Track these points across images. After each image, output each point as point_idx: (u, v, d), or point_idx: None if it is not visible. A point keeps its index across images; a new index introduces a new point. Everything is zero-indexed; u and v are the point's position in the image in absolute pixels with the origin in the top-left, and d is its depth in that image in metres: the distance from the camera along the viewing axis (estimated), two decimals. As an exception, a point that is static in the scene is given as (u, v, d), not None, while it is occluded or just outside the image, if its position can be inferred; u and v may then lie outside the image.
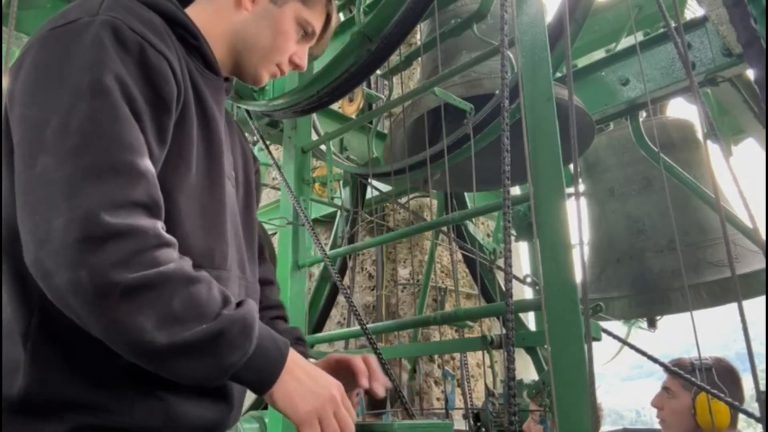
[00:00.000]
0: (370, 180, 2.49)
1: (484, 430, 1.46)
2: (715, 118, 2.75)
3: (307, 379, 0.86)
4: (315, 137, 2.41)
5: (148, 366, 0.77)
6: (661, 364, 1.64)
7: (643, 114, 2.50)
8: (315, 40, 1.14)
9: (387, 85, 2.49)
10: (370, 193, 3.14)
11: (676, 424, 2.07)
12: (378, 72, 2.00)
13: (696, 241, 2.39)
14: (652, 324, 2.69)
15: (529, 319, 2.97)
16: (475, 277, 3.16)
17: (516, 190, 2.58)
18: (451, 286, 3.67)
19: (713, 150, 2.52)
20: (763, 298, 2.14)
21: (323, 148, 2.19)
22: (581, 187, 2.79)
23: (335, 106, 2.68)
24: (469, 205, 2.97)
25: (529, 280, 1.56)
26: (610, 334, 1.59)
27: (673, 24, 1.19)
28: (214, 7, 1.05)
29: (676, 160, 2.36)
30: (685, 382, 1.93)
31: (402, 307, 3.69)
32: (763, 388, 1.08)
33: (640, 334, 3.06)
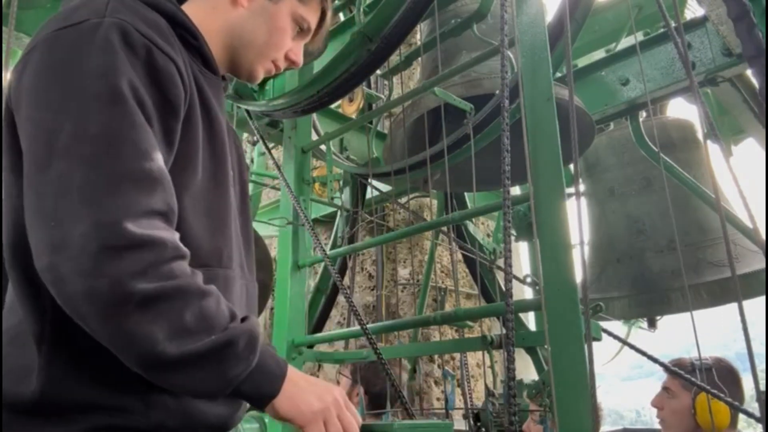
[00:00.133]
0: (370, 180, 2.48)
1: (484, 430, 1.46)
2: (715, 118, 2.75)
3: (307, 386, 0.87)
4: (315, 137, 2.41)
5: (154, 377, 0.77)
6: (661, 364, 1.64)
7: (643, 114, 2.50)
8: (310, 37, 1.15)
9: (387, 85, 2.49)
10: (370, 193, 3.14)
11: (676, 424, 2.07)
12: (378, 72, 2.00)
13: (696, 241, 2.39)
14: (652, 324, 2.69)
15: (529, 319, 2.97)
16: (475, 277, 3.16)
17: (516, 190, 2.58)
18: (451, 286, 3.66)
19: (713, 150, 2.52)
20: (763, 298, 2.13)
21: (323, 148, 2.19)
22: (581, 187, 2.79)
23: (335, 106, 2.68)
24: (469, 205, 2.96)
25: (529, 280, 1.56)
26: (610, 334, 1.59)
27: (673, 24, 1.19)
28: (210, 4, 1.05)
29: (676, 160, 2.36)
30: (685, 382, 1.93)
31: (402, 307, 3.69)
32: (763, 388, 1.08)
33: (640, 334, 3.06)
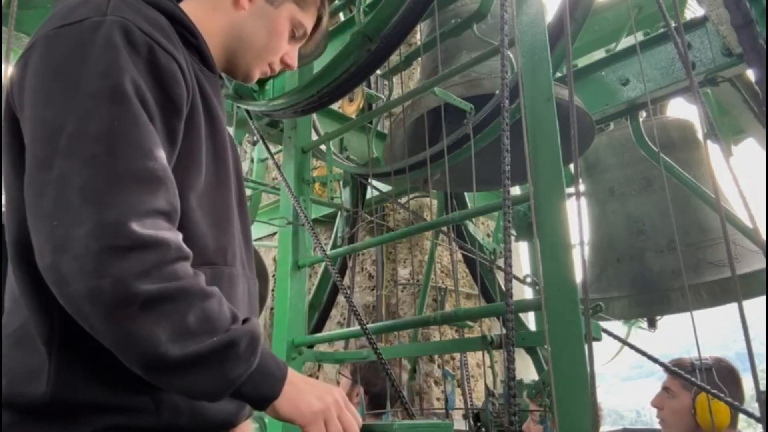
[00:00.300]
0: (370, 180, 2.48)
1: (484, 430, 1.46)
2: (715, 118, 2.75)
3: (307, 387, 0.87)
4: (315, 137, 2.41)
5: (155, 379, 0.76)
6: (661, 364, 1.64)
7: (643, 114, 2.50)
8: (305, 41, 1.16)
9: (387, 85, 2.49)
10: (370, 193, 3.14)
11: (676, 424, 2.07)
12: (378, 72, 2.00)
13: (696, 241, 2.38)
14: (652, 324, 2.68)
15: (529, 319, 2.97)
16: (475, 277, 3.16)
17: (516, 190, 2.58)
18: (451, 286, 3.66)
19: (713, 150, 2.52)
20: (763, 298, 2.13)
21: (323, 148, 2.19)
22: (581, 187, 2.79)
23: (335, 106, 2.68)
24: (469, 205, 2.96)
25: (529, 280, 1.56)
26: (610, 334, 1.59)
27: (673, 24, 1.19)
28: (210, 4, 1.05)
29: (676, 160, 2.36)
30: (685, 382, 1.93)
31: (402, 307, 3.69)
32: (763, 388, 1.08)
33: (640, 334, 3.05)
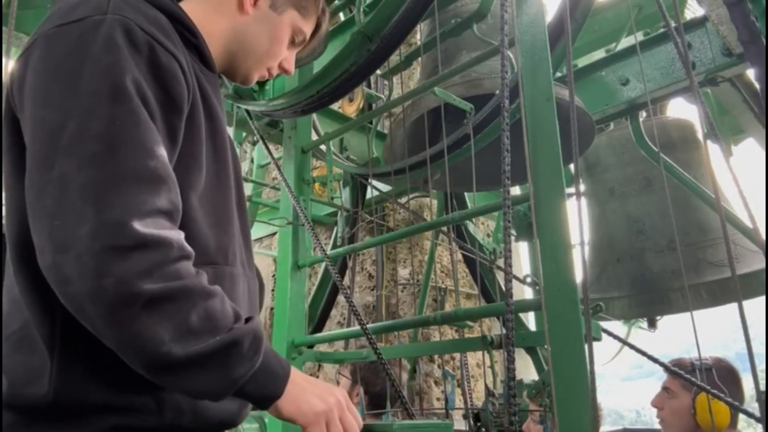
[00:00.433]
0: (370, 180, 2.48)
1: (484, 430, 1.46)
2: (715, 118, 2.75)
3: (310, 387, 0.88)
4: (315, 137, 2.41)
5: (158, 378, 0.76)
6: (661, 364, 1.64)
7: (643, 114, 2.50)
8: (302, 47, 1.19)
9: (387, 85, 2.49)
10: (370, 193, 3.14)
11: (676, 424, 2.07)
12: (378, 72, 2.00)
13: (696, 241, 2.38)
14: (652, 324, 2.68)
15: (529, 319, 2.97)
16: (475, 277, 3.16)
17: (516, 190, 2.58)
18: (451, 286, 3.66)
19: (713, 150, 2.52)
20: (763, 298, 2.13)
21: (323, 148, 2.19)
22: (581, 187, 2.79)
23: (335, 106, 2.68)
24: (469, 205, 2.96)
25: (529, 280, 1.56)
26: (610, 334, 1.59)
27: (673, 24, 1.19)
28: (213, 6, 1.05)
29: (676, 160, 2.36)
30: (685, 382, 1.93)
31: (402, 307, 3.69)
32: (763, 388, 1.08)
33: (640, 334, 3.05)
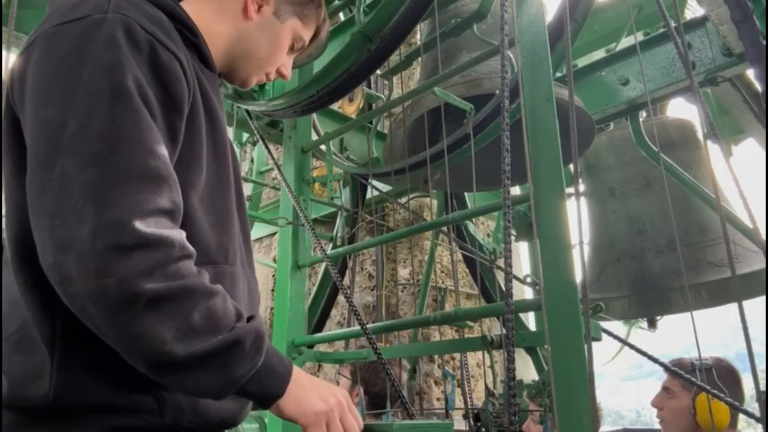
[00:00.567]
0: (370, 180, 2.48)
1: (484, 430, 1.46)
2: (715, 118, 2.75)
3: (312, 387, 0.88)
4: (315, 137, 2.41)
5: (160, 378, 0.76)
6: (661, 364, 1.64)
7: (643, 114, 2.50)
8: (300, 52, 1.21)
9: (387, 85, 2.48)
10: (370, 193, 3.14)
11: (676, 424, 2.07)
12: (378, 72, 2.00)
13: (696, 241, 2.38)
14: (652, 324, 2.68)
15: (529, 319, 2.97)
16: (475, 277, 3.16)
17: (516, 190, 2.58)
18: (451, 286, 3.66)
19: (713, 150, 2.52)
20: (763, 298, 2.13)
21: (323, 148, 2.19)
22: (581, 187, 2.79)
23: (335, 106, 2.68)
24: (469, 205, 2.97)
25: (529, 280, 1.56)
26: (610, 334, 1.59)
27: (673, 24, 1.19)
28: (216, 9, 1.05)
29: (676, 160, 2.36)
30: (685, 382, 1.93)
31: (402, 307, 3.69)
32: (763, 388, 1.08)
33: (640, 334, 3.05)
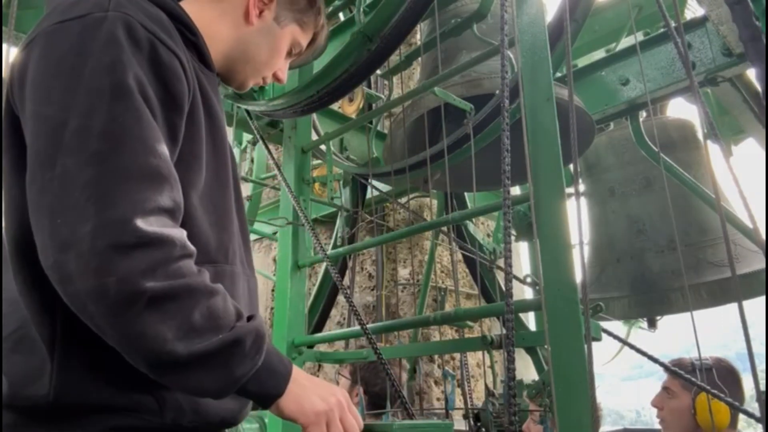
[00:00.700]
0: (370, 180, 2.48)
1: (484, 430, 1.46)
2: (715, 118, 2.75)
3: (312, 386, 0.88)
4: (315, 137, 2.41)
5: (161, 377, 0.76)
6: (661, 364, 1.64)
7: (643, 114, 2.50)
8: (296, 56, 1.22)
9: (387, 85, 2.48)
10: (370, 193, 3.13)
11: (676, 424, 2.07)
12: (378, 72, 2.00)
13: (696, 241, 2.38)
14: (652, 324, 2.68)
15: (529, 319, 2.97)
16: (475, 277, 3.16)
17: (516, 190, 2.58)
18: (451, 286, 3.66)
19: (713, 150, 2.52)
20: (763, 298, 2.13)
21: (323, 148, 2.19)
22: (581, 187, 2.79)
23: (335, 106, 2.68)
24: (469, 205, 2.96)
25: (529, 280, 1.56)
26: (610, 334, 1.59)
27: (673, 24, 1.19)
28: (218, 11, 1.05)
29: (676, 160, 2.36)
30: (685, 382, 1.93)
31: (402, 307, 3.69)
32: (763, 388, 1.08)
33: (640, 334, 3.05)
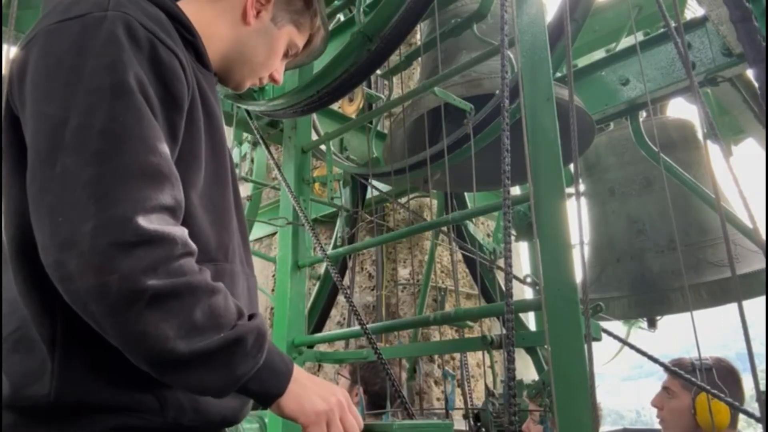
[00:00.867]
0: (370, 180, 2.48)
1: (484, 430, 1.45)
2: (715, 118, 2.75)
3: (312, 386, 0.88)
4: (315, 137, 2.41)
5: (162, 375, 0.76)
6: (661, 364, 1.64)
7: (643, 114, 2.50)
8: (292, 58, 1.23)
9: (387, 85, 2.48)
10: (370, 193, 3.13)
11: (676, 424, 2.07)
12: (378, 72, 2.00)
13: (696, 241, 2.38)
14: (652, 324, 2.68)
15: (529, 319, 2.97)
16: (475, 277, 3.16)
17: (516, 190, 2.58)
18: (451, 286, 3.66)
19: (713, 150, 2.52)
20: (763, 298, 2.13)
21: (323, 148, 2.19)
22: (581, 187, 2.79)
23: (335, 106, 2.68)
24: (469, 205, 2.97)
25: (529, 280, 1.56)
26: (610, 334, 1.59)
27: (673, 24, 1.19)
28: (216, 11, 1.05)
29: (676, 160, 2.36)
30: (685, 382, 1.93)
31: (402, 307, 3.69)
32: (763, 388, 1.08)
33: (640, 334, 3.05)
